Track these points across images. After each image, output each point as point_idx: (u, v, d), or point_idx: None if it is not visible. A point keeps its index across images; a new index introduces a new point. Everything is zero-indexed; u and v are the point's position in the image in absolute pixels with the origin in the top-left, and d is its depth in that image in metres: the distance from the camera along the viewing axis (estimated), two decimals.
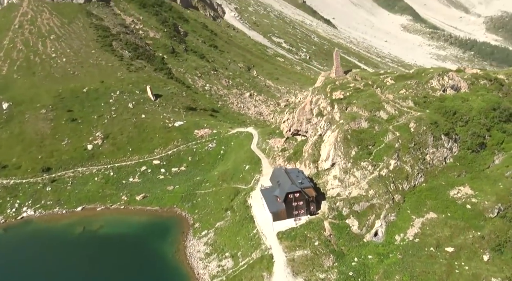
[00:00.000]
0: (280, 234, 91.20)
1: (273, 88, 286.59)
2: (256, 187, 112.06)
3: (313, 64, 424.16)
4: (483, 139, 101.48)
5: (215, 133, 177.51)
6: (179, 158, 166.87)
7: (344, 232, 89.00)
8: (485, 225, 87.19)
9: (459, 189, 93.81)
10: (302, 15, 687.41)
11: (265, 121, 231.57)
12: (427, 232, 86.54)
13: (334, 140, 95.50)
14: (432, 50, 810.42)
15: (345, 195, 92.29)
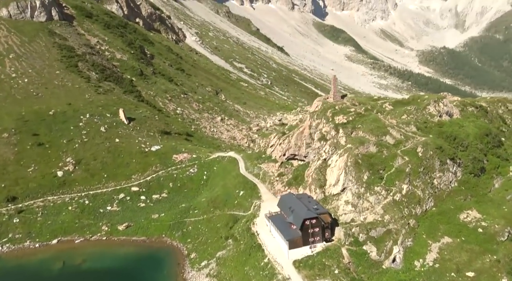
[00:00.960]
0: (297, 263, 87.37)
1: (242, 112, 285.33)
2: (258, 213, 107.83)
3: (275, 90, 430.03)
4: (483, 163, 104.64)
5: (195, 157, 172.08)
6: (159, 184, 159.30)
7: (363, 259, 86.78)
8: (498, 249, 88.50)
9: (468, 213, 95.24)
10: (257, 42, 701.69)
11: (240, 145, 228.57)
12: (446, 257, 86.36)
13: (344, 164, 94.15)
14: (374, 79, 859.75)
15: (360, 221, 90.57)
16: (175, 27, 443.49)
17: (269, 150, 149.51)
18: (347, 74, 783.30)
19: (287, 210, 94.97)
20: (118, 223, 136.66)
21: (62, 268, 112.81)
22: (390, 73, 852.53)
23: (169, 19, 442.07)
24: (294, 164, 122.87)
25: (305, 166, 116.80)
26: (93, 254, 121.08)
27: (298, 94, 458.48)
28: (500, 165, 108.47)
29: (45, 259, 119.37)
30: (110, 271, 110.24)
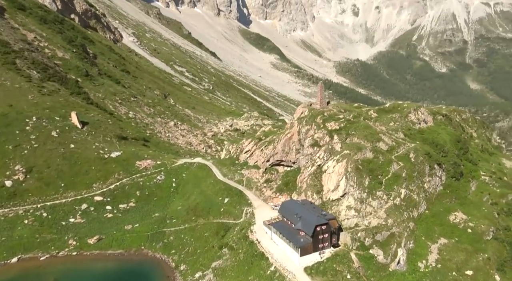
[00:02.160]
0: (309, 270, 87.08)
1: (193, 117, 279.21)
2: (254, 221, 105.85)
3: (218, 95, 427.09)
4: (461, 168, 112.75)
5: (160, 164, 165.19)
6: (125, 193, 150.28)
7: (371, 262, 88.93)
8: (487, 248, 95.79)
9: (455, 214, 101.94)
10: (190, 46, 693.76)
11: (197, 151, 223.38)
12: (446, 257, 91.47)
13: (344, 170, 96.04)
14: (299, 87, 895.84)
15: (365, 225, 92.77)
16: (111, 26, 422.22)
17: (243, 156, 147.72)
18: (274, 82, 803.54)
19: (292, 216, 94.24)
20: (86, 236, 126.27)
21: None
22: (313, 81, 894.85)
23: (104, 17, 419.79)
24: (280, 170, 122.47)
25: (295, 172, 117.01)
26: (65, 272, 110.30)
27: (239, 100, 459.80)
28: (472, 169, 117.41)
29: (8, 280, 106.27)
30: None
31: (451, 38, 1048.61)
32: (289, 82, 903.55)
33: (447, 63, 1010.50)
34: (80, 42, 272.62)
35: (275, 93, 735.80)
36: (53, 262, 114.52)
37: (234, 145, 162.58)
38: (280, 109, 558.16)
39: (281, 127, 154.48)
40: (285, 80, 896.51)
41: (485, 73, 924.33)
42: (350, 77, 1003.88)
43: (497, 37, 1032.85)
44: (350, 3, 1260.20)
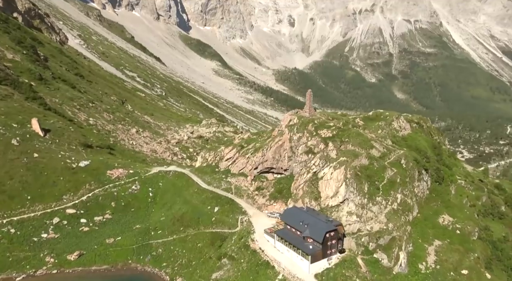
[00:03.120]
0: (319, 277, 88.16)
1: (153, 124, 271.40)
2: (253, 229, 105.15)
3: (171, 101, 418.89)
4: (441, 173, 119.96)
5: (133, 173, 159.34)
6: (99, 205, 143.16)
7: (377, 266, 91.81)
8: (475, 247, 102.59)
9: (443, 217, 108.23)
10: (135, 50, 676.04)
11: (163, 159, 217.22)
12: (443, 258, 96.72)
13: (344, 176, 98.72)
14: (242, 94, 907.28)
15: (367, 230, 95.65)
16: (55, 27, 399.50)
17: (224, 163, 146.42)
18: (217, 88, 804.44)
19: (297, 223, 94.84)
20: (64, 252, 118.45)
21: None
22: (255, 89, 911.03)
23: (48, 18, 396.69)
24: (269, 178, 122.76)
25: (288, 179, 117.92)
26: None
27: (192, 106, 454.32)
28: (450, 174, 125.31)
29: None
30: None
31: (378, 50, 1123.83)
32: (232, 89, 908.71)
33: (376, 73, 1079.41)
34: (30, 43, 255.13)
35: (223, 99, 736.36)
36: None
37: (212, 153, 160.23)
38: (231, 116, 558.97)
39: (259, 135, 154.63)
40: (227, 87, 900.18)
41: (409, 84, 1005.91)
42: (289, 85, 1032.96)
43: (417, 51, 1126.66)
44: (286, 14, 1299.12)
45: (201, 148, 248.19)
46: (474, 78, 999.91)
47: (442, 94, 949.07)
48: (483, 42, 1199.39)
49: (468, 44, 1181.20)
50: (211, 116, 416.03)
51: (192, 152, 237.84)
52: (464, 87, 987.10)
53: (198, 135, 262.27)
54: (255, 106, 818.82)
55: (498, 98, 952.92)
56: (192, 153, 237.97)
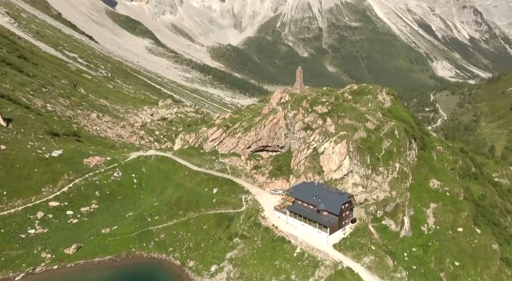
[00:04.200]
0: (338, 247, 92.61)
1: (110, 108, 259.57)
2: (260, 207, 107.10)
3: (119, 83, 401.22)
4: (424, 140, 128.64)
5: (111, 160, 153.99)
6: (82, 195, 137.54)
7: (386, 232, 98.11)
8: (463, 207, 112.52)
9: (432, 181, 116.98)
10: (67, 29, 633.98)
11: (132, 144, 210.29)
12: (440, 219, 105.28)
13: (346, 150, 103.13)
14: (180, 72, 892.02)
15: (373, 199, 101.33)
16: None
17: (210, 144, 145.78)
18: (153, 67, 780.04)
19: (309, 198, 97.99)
20: (60, 246, 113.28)
21: None
22: (192, 67, 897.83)
23: None
24: (264, 156, 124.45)
25: (285, 156, 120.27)
26: None
27: (140, 87, 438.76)
28: (429, 140, 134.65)
29: None
30: None
31: (308, 25, 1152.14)
32: (169, 68, 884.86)
33: (307, 48, 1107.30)
34: None
35: (167, 79, 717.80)
36: (33, 280, 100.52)
37: (192, 134, 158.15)
38: (179, 96, 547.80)
39: (241, 114, 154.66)
40: (164, 66, 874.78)
41: (339, 58, 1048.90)
42: (225, 62, 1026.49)
43: (345, 26, 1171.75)
44: None
45: (167, 130, 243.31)
46: (396, 50, 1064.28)
47: (369, 66, 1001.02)
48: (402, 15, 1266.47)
49: (388, 18, 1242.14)
50: (160, 97, 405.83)
51: (158, 135, 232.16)
52: (387, 59, 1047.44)
53: (161, 117, 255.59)
54: (194, 85, 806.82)
55: (416, 68, 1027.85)
56: (159, 136, 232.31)
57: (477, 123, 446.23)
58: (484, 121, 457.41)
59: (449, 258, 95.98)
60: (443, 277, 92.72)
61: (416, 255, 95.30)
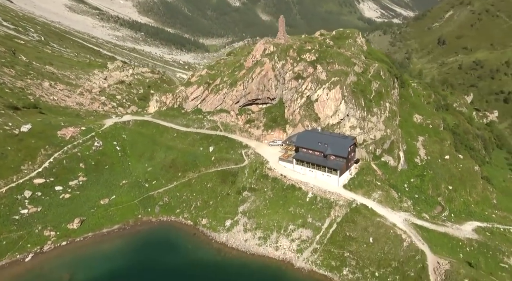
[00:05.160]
0: (348, 187, 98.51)
1: (60, 75, 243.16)
2: (265, 159, 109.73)
3: (56, 47, 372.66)
4: (402, 78, 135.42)
5: (86, 130, 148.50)
6: (66, 169, 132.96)
7: (387, 168, 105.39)
8: (445, 137, 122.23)
9: (415, 116, 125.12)
10: None
11: (96, 111, 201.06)
12: (429, 149, 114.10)
13: (341, 95, 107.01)
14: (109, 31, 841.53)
15: (371, 139, 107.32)
16: None
17: (191, 103, 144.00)
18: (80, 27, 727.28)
19: (315, 145, 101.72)
20: (61, 223, 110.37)
21: None
22: (121, 24, 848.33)
23: None
24: (254, 109, 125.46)
25: (278, 108, 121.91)
26: (72, 265, 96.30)
27: (79, 50, 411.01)
28: (405, 78, 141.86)
29: None
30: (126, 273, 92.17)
31: None
32: (95, 27, 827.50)
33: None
34: None
35: (101, 39, 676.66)
36: (45, 259, 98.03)
37: (169, 95, 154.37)
38: (121, 56, 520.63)
39: (218, 70, 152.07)
40: (89, 25, 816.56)
41: (271, 5, 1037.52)
42: (154, 16, 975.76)
43: None
44: None
45: (128, 93, 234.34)
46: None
47: (301, 11, 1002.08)
48: None
49: None
50: (104, 59, 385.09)
51: (120, 99, 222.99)
52: (318, 3, 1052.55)
53: (118, 80, 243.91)
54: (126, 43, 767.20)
55: (345, 11, 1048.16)
56: (121, 100, 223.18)
57: (410, 60, 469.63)
58: (415, 57, 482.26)
59: (443, 183, 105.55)
60: (441, 201, 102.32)
61: (415, 185, 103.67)
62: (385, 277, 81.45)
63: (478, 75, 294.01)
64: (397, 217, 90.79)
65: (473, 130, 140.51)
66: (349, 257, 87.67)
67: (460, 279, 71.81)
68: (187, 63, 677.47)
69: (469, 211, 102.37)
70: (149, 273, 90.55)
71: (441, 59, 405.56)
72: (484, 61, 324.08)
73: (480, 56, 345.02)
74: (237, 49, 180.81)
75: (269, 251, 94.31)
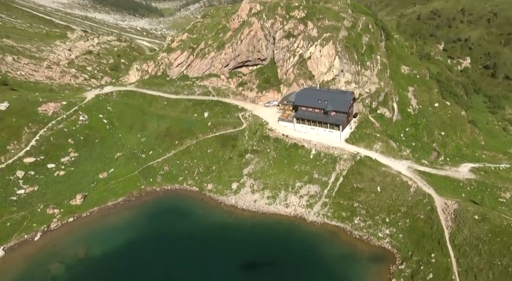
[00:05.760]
0: (350, 141, 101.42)
1: (20, 48, 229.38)
2: (264, 120, 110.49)
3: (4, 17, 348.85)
4: (388, 30, 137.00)
5: (68, 104, 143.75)
6: (55, 146, 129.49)
7: (383, 119, 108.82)
8: (432, 85, 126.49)
9: (403, 67, 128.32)
10: None
11: (69, 84, 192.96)
12: (420, 99, 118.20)
13: (335, 51, 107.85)
14: None
15: (366, 93, 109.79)
16: None
17: (176, 70, 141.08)
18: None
19: (314, 102, 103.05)
20: (63, 200, 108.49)
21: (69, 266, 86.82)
22: None
23: None
24: (245, 72, 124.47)
25: (270, 68, 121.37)
26: (85, 240, 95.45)
27: (30, 20, 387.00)
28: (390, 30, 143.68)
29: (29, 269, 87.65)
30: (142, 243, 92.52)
31: None
32: None
33: None
34: None
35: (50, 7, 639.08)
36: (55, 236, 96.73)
37: (150, 62, 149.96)
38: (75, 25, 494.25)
39: (200, 33, 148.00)
40: None
41: None
42: None
43: None
44: None
45: (98, 64, 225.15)
46: None
47: None
48: None
49: None
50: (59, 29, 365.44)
51: (91, 70, 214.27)
52: None
53: (85, 50, 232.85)
54: (74, 11, 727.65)
55: None
56: (92, 71, 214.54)
57: None
58: (374, 10, 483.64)
59: (436, 130, 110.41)
60: (436, 147, 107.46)
61: (411, 134, 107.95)
62: (395, 222, 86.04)
63: (436, 24, 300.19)
64: (400, 165, 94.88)
65: (454, 77, 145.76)
66: (359, 207, 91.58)
67: (470, 216, 77.01)
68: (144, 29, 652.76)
69: (462, 154, 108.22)
70: (165, 241, 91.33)
71: (400, 11, 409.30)
72: (441, 10, 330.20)
73: (436, 5, 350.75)
74: (212, 11, 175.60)
75: (280, 209, 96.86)
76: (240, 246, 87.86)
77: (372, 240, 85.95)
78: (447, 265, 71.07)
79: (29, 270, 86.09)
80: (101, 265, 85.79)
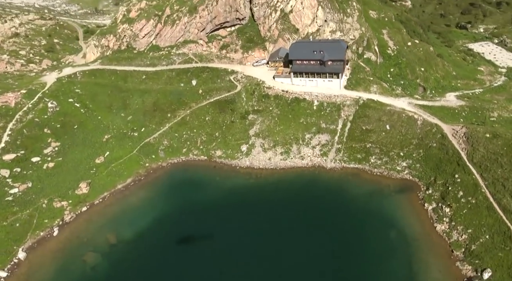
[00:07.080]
0: (349, 88, 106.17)
1: None
2: (259, 80, 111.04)
3: None
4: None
5: (28, 92, 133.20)
6: (32, 138, 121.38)
7: (370, 63, 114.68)
8: (399, 26, 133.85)
9: (371, 12, 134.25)
10: None
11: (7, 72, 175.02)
12: (395, 40, 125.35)
13: (316, 1, 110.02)
14: None
15: (350, 39, 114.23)
16: None
17: (144, 40, 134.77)
18: None
19: (310, 55, 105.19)
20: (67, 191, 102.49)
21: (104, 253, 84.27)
22: None
23: None
24: (223, 34, 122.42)
25: (250, 27, 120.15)
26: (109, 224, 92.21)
27: None
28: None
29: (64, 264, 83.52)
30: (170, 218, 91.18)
31: None
32: None
33: None
34: None
35: None
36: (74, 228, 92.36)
37: (110, 37, 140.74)
38: None
39: None
40: None
41: None
42: None
43: None
44: None
45: (31, 47, 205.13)
46: None
47: None
48: None
49: None
50: None
51: (26, 54, 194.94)
52: None
53: (12, 33, 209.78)
54: None
55: None
56: (27, 55, 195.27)
57: None
58: None
59: (417, 67, 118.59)
60: (420, 82, 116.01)
61: (396, 73, 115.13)
62: (410, 154, 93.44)
63: None
64: (401, 102, 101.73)
65: (412, 18, 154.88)
66: (372, 146, 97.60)
67: (481, 135, 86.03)
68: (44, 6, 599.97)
69: (442, 85, 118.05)
70: (192, 212, 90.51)
71: None
72: None
73: None
74: None
75: (296, 162, 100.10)
76: (269, 204, 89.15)
77: (392, 175, 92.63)
78: (474, 181, 79.62)
79: (64, 264, 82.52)
80: (136, 246, 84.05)
